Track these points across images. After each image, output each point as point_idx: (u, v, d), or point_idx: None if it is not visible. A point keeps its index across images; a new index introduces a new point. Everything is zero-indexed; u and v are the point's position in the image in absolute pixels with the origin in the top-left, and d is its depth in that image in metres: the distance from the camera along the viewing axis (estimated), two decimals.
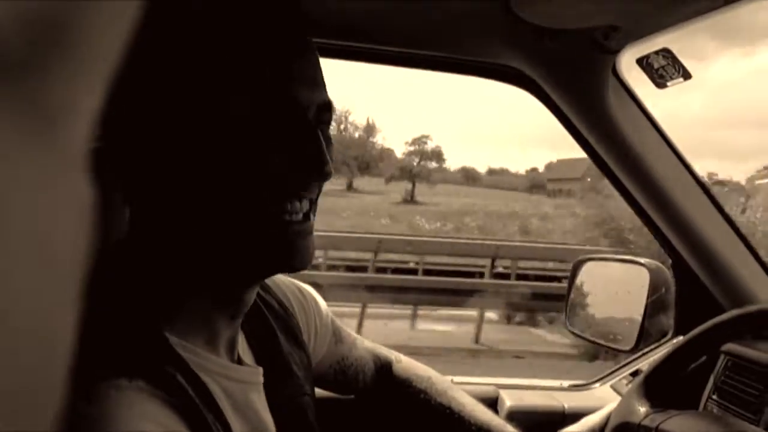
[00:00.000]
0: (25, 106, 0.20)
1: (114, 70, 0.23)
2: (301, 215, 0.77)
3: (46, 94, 0.21)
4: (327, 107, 0.79)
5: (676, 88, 1.22)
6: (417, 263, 10.02)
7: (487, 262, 9.61)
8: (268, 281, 1.03)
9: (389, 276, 8.90)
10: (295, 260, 0.77)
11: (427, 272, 9.62)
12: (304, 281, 1.15)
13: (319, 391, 1.13)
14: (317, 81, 0.79)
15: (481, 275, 9.57)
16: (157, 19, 0.70)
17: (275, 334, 0.95)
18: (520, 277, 9.54)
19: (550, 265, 10.29)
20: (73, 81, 0.22)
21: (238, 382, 0.81)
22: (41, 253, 0.21)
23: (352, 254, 10.10)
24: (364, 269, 9.21)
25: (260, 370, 0.86)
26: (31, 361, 0.21)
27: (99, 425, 0.60)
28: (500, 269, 9.72)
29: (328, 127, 0.81)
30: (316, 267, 8.35)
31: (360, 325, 7.66)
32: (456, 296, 8.42)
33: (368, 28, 1.27)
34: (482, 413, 1.25)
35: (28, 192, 0.20)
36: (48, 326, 0.22)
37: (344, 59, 1.35)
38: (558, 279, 9.13)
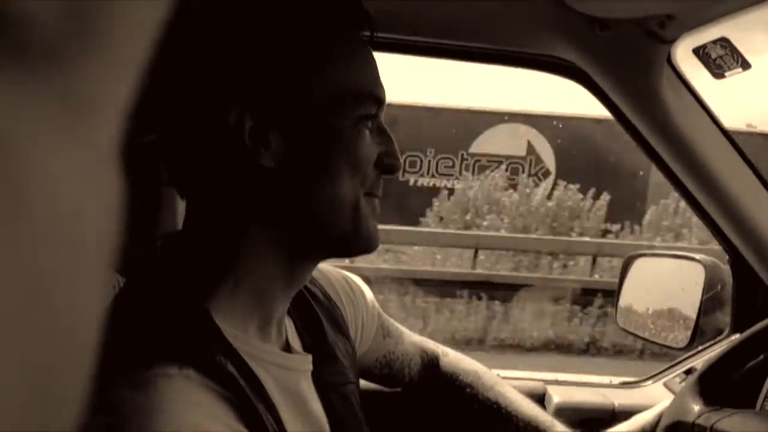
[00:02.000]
0: (58, 97, 0.20)
1: (146, 63, 0.23)
2: (375, 202, 0.83)
3: (79, 85, 0.21)
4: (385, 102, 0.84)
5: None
6: None
7: None
8: (315, 272, 1.04)
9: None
10: (371, 242, 0.82)
11: None
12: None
13: (365, 384, 1.13)
14: (380, 79, 0.83)
15: None
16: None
17: (321, 323, 0.95)
18: None
19: None
20: (107, 73, 0.22)
21: (290, 371, 0.82)
22: (70, 245, 0.21)
23: None
24: None
25: (310, 357, 0.87)
26: (58, 348, 0.21)
27: (147, 413, 0.61)
28: None
29: None
30: None
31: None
32: None
33: (418, 20, 1.27)
34: (530, 409, 1.24)
35: (59, 184, 0.20)
36: (74, 315, 0.22)
37: (395, 53, 1.36)
38: None
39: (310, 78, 0.76)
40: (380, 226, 0.84)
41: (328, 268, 1.10)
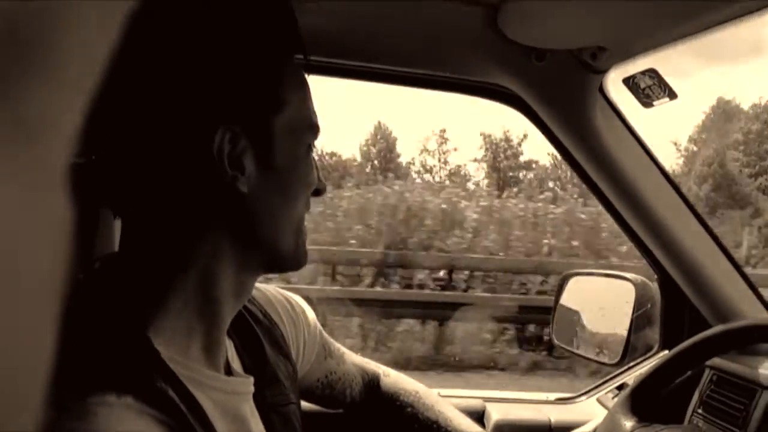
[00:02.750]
0: (5, 121, 0.20)
1: (95, 86, 0.23)
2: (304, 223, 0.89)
3: (25, 111, 0.20)
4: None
5: None
6: None
7: None
8: (255, 292, 1.03)
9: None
10: (305, 258, 0.88)
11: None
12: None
13: (306, 405, 1.12)
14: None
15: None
16: (156, 29, 0.71)
17: (261, 344, 0.95)
18: None
19: None
20: (53, 98, 0.21)
21: (230, 394, 0.81)
22: (18, 270, 0.21)
23: None
24: None
25: (251, 379, 0.86)
26: (6, 379, 0.21)
27: None
28: None
29: None
30: None
31: None
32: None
33: (356, 45, 1.28)
34: (469, 427, 1.25)
35: (6, 208, 0.20)
36: (24, 343, 0.22)
37: (333, 76, 1.37)
38: None
39: (278, 106, 0.79)
40: None
41: (268, 288, 1.10)
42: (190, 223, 0.77)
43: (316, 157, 0.88)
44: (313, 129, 0.85)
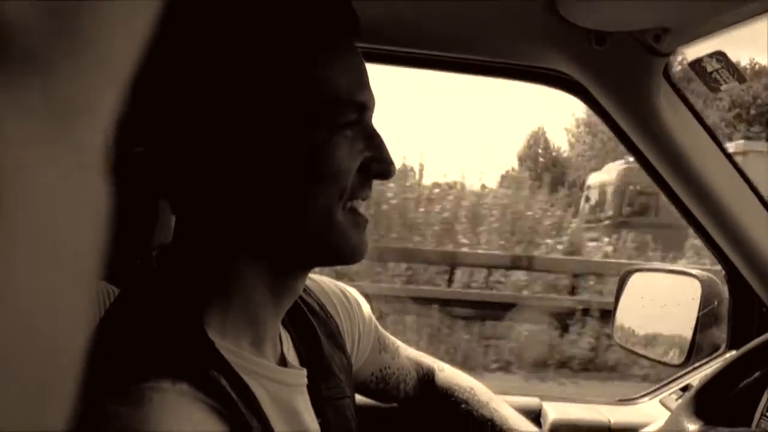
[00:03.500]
0: (41, 102, 0.20)
1: (133, 72, 0.23)
2: (360, 209, 0.82)
3: (64, 92, 0.20)
4: (374, 106, 0.83)
5: None
6: None
7: None
8: (311, 284, 1.03)
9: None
10: (350, 254, 0.81)
11: None
12: None
13: (361, 399, 1.12)
14: (368, 82, 0.82)
15: None
16: (197, 19, 0.71)
17: (317, 336, 0.95)
18: None
19: None
20: (92, 80, 0.21)
21: (284, 385, 0.81)
22: (54, 254, 0.20)
23: None
24: None
25: (304, 371, 0.86)
26: (42, 363, 0.21)
27: (138, 428, 0.60)
28: None
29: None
30: None
31: None
32: None
33: (415, 33, 1.27)
34: (525, 426, 1.23)
35: (43, 191, 0.20)
36: (59, 326, 0.21)
37: (391, 64, 1.37)
38: None
39: (277, 92, 0.74)
40: None
41: (325, 280, 1.10)
42: (213, 225, 0.77)
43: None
44: (350, 105, 0.78)
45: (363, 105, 0.79)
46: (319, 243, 0.78)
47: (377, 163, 0.80)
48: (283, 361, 0.86)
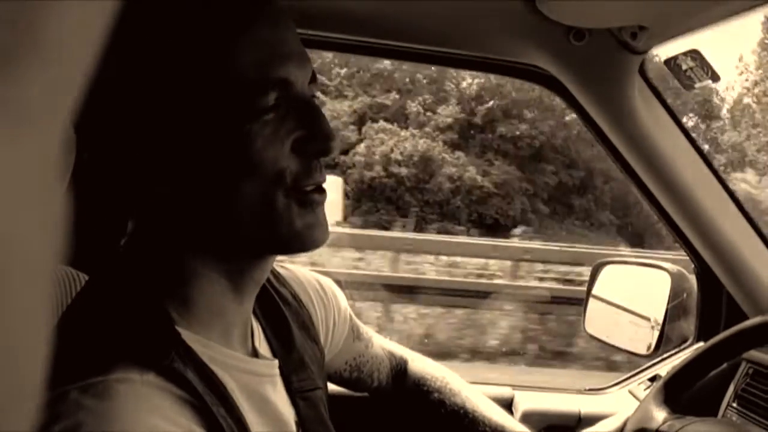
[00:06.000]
0: (2, 103, 0.20)
1: (90, 72, 0.23)
2: (312, 191, 0.76)
3: (19, 93, 0.20)
4: (314, 78, 0.77)
5: None
6: None
7: None
8: (285, 273, 1.03)
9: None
10: (299, 240, 0.76)
11: None
12: None
13: (332, 388, 1.13)
14: (302, 53, 0.75)
15: None
16: (133, 19, 0.68)
17: (289, 327, 0.94)
18: None
19: None
20: (47, 81, 0.21)
21: (254, 375, 0.81)
22: (6, 258, 0.20)
23: None
24: None
25: (275, 362, 0.86)
26: (2, 369, 0.21)
27: (105, 419, 0.60)
28: None
29: (316, 98, 0.79)
30: None
31: None
32: None
33: (396, 26, 1.27)
34: (497, 415, 1.24)
35: (6, 191, 0.20)
36: (16, 332, 0.21)
37: (366, 55, 1.37)
38: None
39: (182, 86, 0.69)
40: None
41: (299, 269, 1.09)
42: (157, 223, 0.76)
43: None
44: (262, 86, 0.70)
45: (283, 81, 0.72)
46: (262, 233, 0.74)
47: (313, 140, 0.74)
48: (254, 352, 0.85)
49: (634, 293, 1.64)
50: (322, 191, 0.77)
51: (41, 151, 0.21)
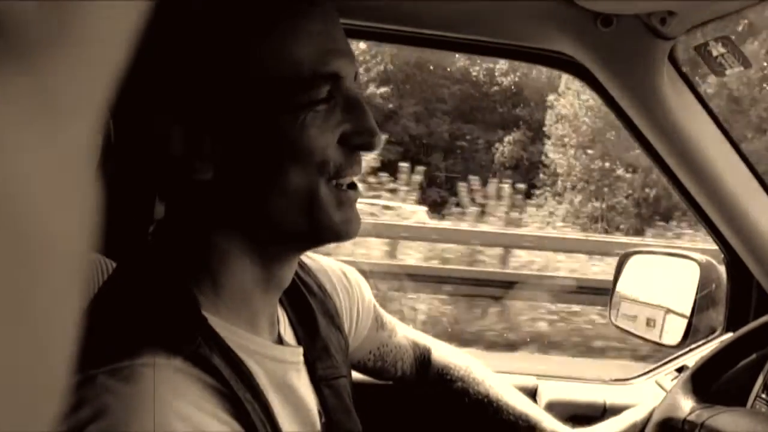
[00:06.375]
0: (32, 97, 0.20)
1: (123, 63, 0.23)
2: (348, 185, 0.79)
3: (55, 85, 0.20)
4: (357, 75, 0.80)
5: None
6: None
7: None
8: (311, 263, 1.03)
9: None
10: (336, 232, 0.78)
11: None
12: None
13: (357, 376, 1.13)
14: (350, 50, 0.78)
15: None
16: (201, 9, 0.70)
17: (314, 316, 0.95)
18: None
19: None
20: (83, 73, 0.21)
21: (279, 362, 0.81)
22: (41, 248, 0.20)
23: None
24: None
25: (300, 349, 0.87)
26: (31, 359, 0.21)
27: (131, 403, 0.61)
28: None
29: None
30: None
31: None
32: None
33: (421, 13, 1.27)
34: (520, 403, 1.25)
35: (30, 184, 0.20)
36: (47, 323, 0.22)
37: (397, 44, 1.38)
38: None
39: (234, 74, 0.71)
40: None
41: (324, 259, 1.10)
42: (189, 212, 0.78)
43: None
44: (316, 80, 0.73)
45: (334, 75, 0.75)
46: (301, 222, 0.76)
47: (358, 135, 0.77)
48: (279, 340, 0.86)
49: (661, 283, 1.62)
50: (356, 187, 0.80)
51: (74, 142, 0.22)
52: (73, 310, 0.23)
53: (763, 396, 1.31)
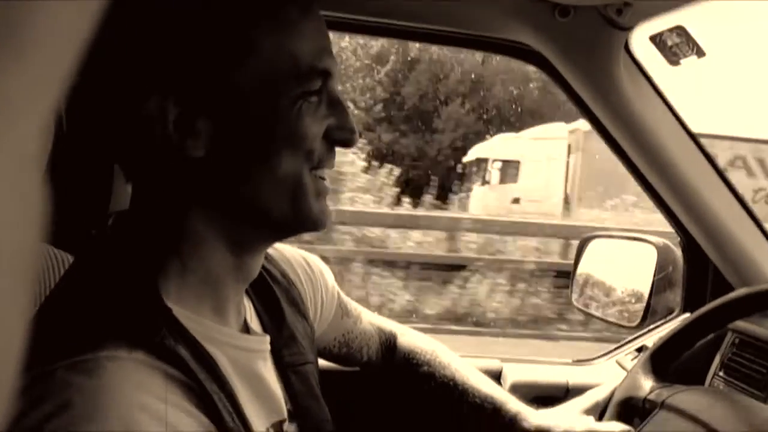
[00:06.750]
0: None
1: (74, 65, 0.23)
2: (324, 178, 0.82)
3: (6, 83, 0.20)
4: (337, 72, 0.82)
5: None
6: None
7: None
8: (273, 252, 1.03)
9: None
10: (314, 221, 0.80)
11: None
12: None
13: (323, 363, 1.14)
14: (331, 48, 0.81)
15: None
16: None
17: (279, 304, 0.95)
18: None
19: None
20: (31, 77, 0.21)
21: (245, 351, 0.81)
22: None
23: None
24: None
25: (267, 338, 0.87)
26: None
27: (93, 397, 0.59)
28: None
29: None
30: None
31: None
32: None
33: (381, 3, 1.27)
34: (485, 386, 1.25)
35: None
36: None
37: (349, 32, 1.36)
38: None
39: (238, 59, 0.73)
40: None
41: (286, 248, 1.10)
42: (167, 192, 0.77)
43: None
44: (311, 73, 0.76)
45: (326, 72, 0.78)
46: (285, 207, 0.77)
47: (340, 130, 0.80)
48: (246, 329, 0.86)
49: (620, 267, 1.65)
50: (325, 180, 0.83)
51: (23, 140, 0.22)
52: (20, 305, 0.23)
53: (721, 374, 1.35)
